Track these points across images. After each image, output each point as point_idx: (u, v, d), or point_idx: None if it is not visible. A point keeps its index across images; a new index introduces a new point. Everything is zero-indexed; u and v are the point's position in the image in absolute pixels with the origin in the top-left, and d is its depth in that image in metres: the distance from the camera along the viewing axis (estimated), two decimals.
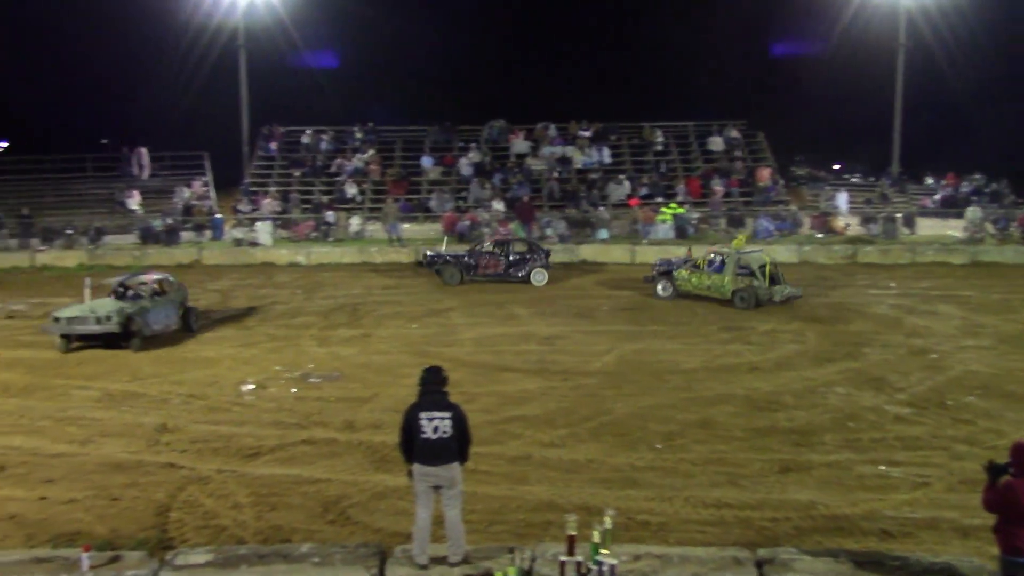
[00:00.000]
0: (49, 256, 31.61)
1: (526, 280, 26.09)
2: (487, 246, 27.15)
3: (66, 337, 18.46)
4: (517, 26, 60.59)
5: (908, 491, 10.85)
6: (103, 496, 10.83)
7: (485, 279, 26.17)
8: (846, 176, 47.13)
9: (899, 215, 34.17)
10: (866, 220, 34.19)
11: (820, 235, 33.11)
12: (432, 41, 57.06)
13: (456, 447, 8.33)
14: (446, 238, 30.95)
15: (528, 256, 26.57)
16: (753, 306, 21.98)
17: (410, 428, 8.25)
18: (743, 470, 11.48)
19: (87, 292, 19.88)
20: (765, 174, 38.00)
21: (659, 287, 23.87)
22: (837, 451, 12.20)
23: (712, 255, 23.55)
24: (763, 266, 22.51)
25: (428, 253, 27.59)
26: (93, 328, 18.34)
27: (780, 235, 32.77)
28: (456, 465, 8.34)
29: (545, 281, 26.05)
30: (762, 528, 9.78)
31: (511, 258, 26.41)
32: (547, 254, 27.03)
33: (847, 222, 34.10)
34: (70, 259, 31.32)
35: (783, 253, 30.25)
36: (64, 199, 39.44)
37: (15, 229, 33.47)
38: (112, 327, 18.36)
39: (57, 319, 18.47)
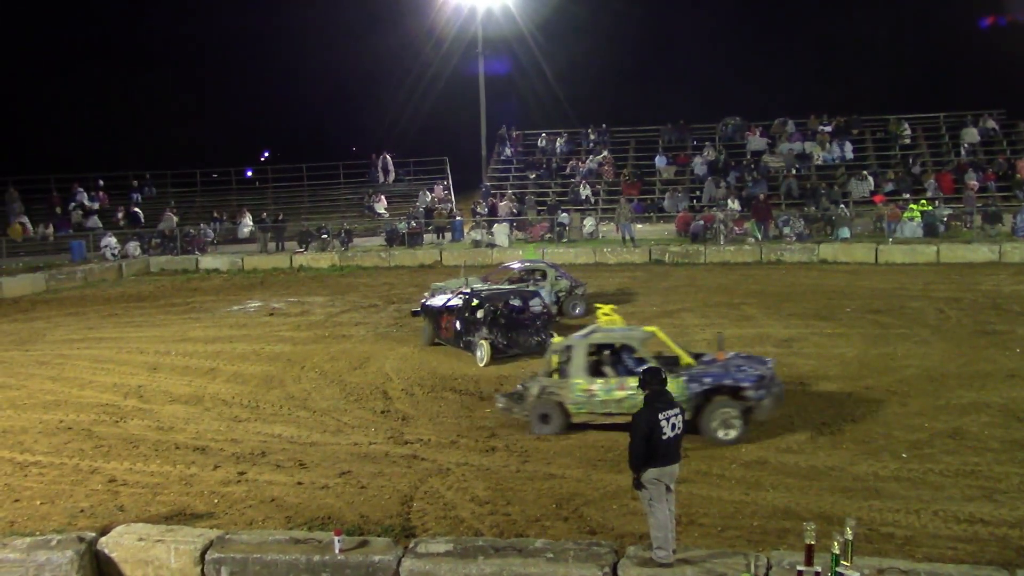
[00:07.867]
0: (305, 258, 33.94)
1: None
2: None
3: None
4: (752, 19, 59.16)
5: None
6: (352, 484, 11.46)
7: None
8: None
9: None
10: None
11: None
12: (666, 40, 56.72)
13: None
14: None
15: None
16: None
17: (651, 433, 8.21)
18: (999, 484, 10.63)
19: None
20: None
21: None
22: None
23: None
24: None
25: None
26: None
27: None
28: None
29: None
30: (1022, 548, 9.05)
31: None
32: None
33: None
34: (324, 260, 33.56)
35: None
36: (319, 204, 42.45)
37: (274, 233, 36.17)
38: None
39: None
